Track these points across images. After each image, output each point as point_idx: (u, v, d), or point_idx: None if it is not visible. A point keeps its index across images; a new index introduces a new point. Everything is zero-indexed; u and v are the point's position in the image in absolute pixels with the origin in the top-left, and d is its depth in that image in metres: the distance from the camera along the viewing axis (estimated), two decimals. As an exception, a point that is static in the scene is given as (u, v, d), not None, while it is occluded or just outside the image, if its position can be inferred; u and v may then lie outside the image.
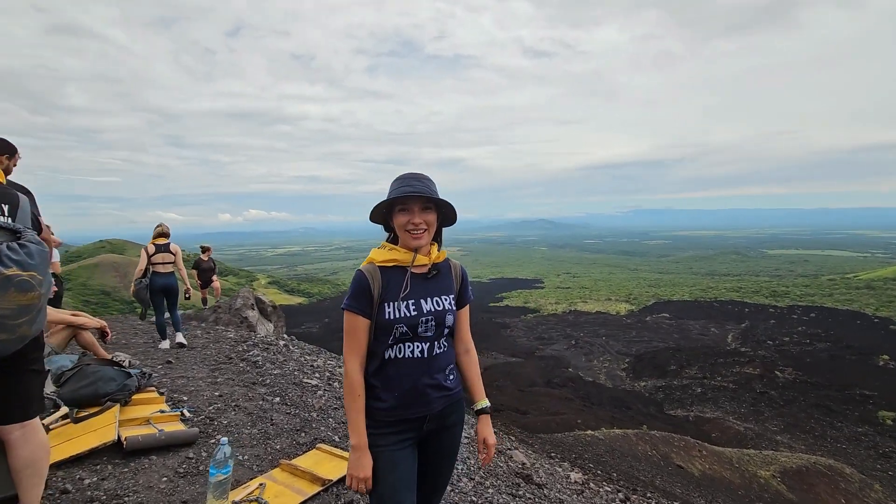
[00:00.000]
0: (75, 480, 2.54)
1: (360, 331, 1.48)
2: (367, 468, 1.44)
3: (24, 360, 2.00)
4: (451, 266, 1.68)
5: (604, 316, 79.27)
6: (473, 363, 1.71)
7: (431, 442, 1.60)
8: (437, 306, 1.54)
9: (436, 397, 1.53)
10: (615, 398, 40.64)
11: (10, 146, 3.12)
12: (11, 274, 1.73)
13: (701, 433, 26.96)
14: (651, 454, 14.32)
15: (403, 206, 1.51)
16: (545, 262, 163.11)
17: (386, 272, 1.52)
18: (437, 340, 1.54)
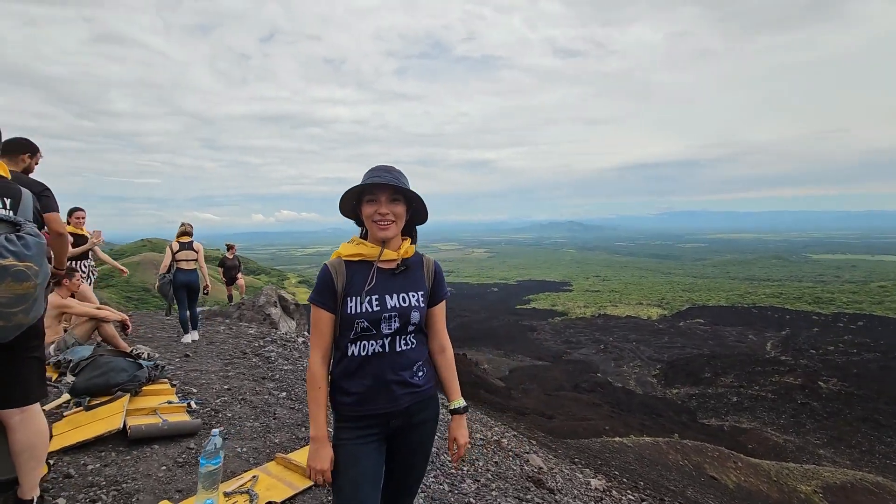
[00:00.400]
0: (79, 466, 2.57)
1: (323, 324, 1.47)
2: (324, 460, 1.43)
3: (24, 347, 2.03)
4: (424, 262, 1.63)
5: (634, 320, 77.31)
6: (449, 362, 1.66)
7: (401, 439, 1.56)
8: (403, 302, 1.50)
9: (401, 394, 1.49)
10: (645, 405, 39.49)
11: (32, 146, 3.22)
12: (8, 264, 1.77)
13: (736, 444, 25.82)
14: (682, 464, 13.78)
15: (371, 197, 1.49)
16: (574, 264, 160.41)
17: (351, 266, 1.51)
18: (402, 336, 1.51)
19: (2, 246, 1.78)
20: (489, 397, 32.04)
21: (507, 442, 6.65)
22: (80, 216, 5.87)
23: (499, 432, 7.36)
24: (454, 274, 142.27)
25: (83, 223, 5.93)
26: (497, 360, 56.10)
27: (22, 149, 3.15)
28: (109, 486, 2.41)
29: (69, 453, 2.68)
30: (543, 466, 6.16)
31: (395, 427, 1.52)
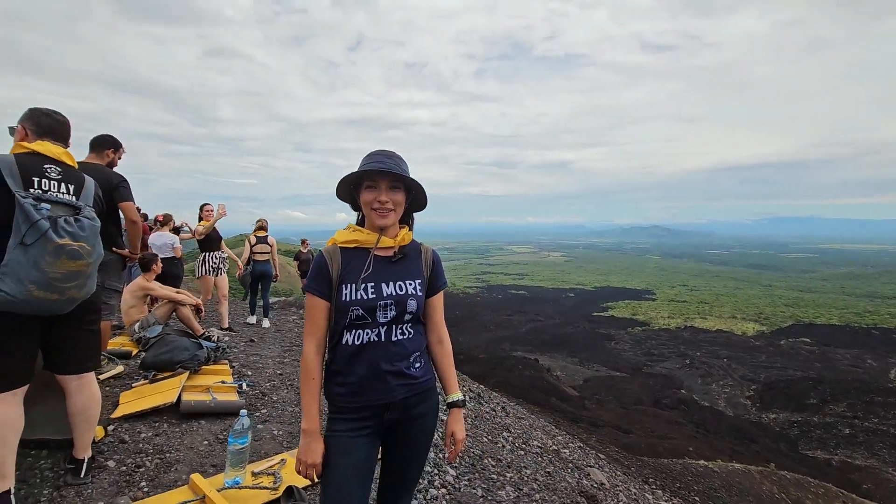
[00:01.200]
0: (134, 433, 2.78)
1: (317, 312, 1.44)
2: (315, 454, 1.38)
3: (80, 320, 2.22)
4: (422, 250, 1.59)
5: (726, 335, 70.54)
6: (447, 354, 1.61)
7: (398, 433, 1.50)
8: (400, 290, 1.45)
9: (397, 385, 1.43)
10: (736, 428, 35.79)
11: (115, 142, 3.58)
12: (63, 243, 1.94)
13: (847, 482, 22.49)
14: (779, 497, 12.25)
15: (371, 183, 1.44)
16: (658, 271, 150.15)
17: (347, 253, 1.47)
18: (398, 325, 1.45)
19: (60, 227, 1.96)
20: (561, 406, 30.96)
21: (570, 453, 6.29)
22: (209, 209, 6.52)
23: (561, 442, 7.00)
24: (528, 277, 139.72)
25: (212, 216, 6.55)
26: (571, 368, 54.11)
27: (106, 145, 3.49)
28: (155, 454, 2.58)
29: (129, 421, 2.91)
30: (605, 482, 5.73)
31: (390, 420, 1.46)
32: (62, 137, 2.22)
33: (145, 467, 2.45)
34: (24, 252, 1.88)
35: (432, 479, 2.81)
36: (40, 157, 2.08)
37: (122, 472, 2.39)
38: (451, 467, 3.18)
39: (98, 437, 2.59)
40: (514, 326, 73.17)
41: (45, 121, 2.17)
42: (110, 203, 3.30)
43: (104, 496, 2.17)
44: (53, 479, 2.24)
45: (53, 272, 1.93)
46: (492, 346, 60.51)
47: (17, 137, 2.14)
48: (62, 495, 2.14)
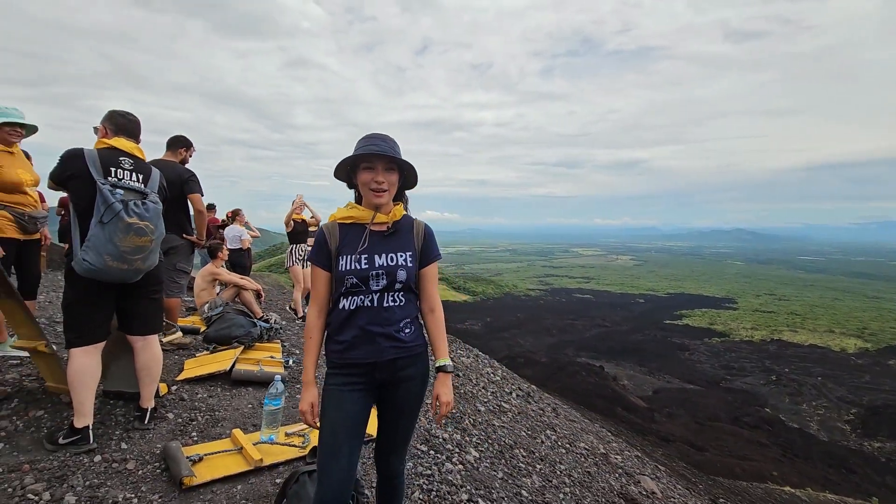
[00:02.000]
0: (192, 393, 3.18)
1: (319, 281, 1.62)
2: (306, 402, 1.58)
3: (146, 290, 2.61)
4: (415, 225, 1.72)
5: (821, 351, 63.44)
6: (438, 322, 1.72)
7: (388, 394, 1.65)
8: (391, 261, 1.60)
9: (386, 346, 1.57)
10: (832, 455, 32.11)
11: (187, 141, 4.08)
12: (132, 222, 2.32)
13: (969, 527, 19.49)
14: (882, 535, 10.89)
15: (368, 165, 1.58)
16: (741, 278, 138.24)
17: (344, 228, 1.63)
18: (389, 293, 1.59)
19: (130, 208, 2.34)
20: (627, 416, 29.56)
21: (622, 460, 6.09)
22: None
23: (615, 448, 6.77)
24: (594, 281, 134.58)
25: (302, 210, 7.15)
26: (639, 378, 51.43)
27: (179, 144, 4.00)
28: (207, 411, 2.94)
29: (189, 383, 3.33)
30: (658, 492, 5.50)
31: (380, 380, 1.60)
32: (134, 134, 2.62)
33: (197, 421, 2.81)
34: (102, 229, 2.26)
35: (451, 456, 2.93)
36: (117, 151, 2.48)
37: (178, 423, 2.76)
38: (475, 449, 3.28)
39: (162, 393, 3.00)
40: (579, 331, 70.84)
41: (121, 121, 2.58)
42: (181, 194, 3.79)
43: (161, 440, 2.54)
44: (124, 424, 2.64)
45: (124, 246, 2.31)
46: (554, 351, 59.07)
47: (100, 135, 2.56)
48: (129, 436, 2.53)
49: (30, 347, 2.66)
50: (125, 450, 2.40)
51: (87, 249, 2.24)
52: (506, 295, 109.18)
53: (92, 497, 2.02)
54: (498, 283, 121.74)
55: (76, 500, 1.99)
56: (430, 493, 2.44)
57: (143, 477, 2.22)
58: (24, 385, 2.88)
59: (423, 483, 2.51)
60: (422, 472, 2.63)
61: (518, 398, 6.23)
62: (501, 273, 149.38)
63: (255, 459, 2.36)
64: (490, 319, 76.34)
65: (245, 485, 2.27)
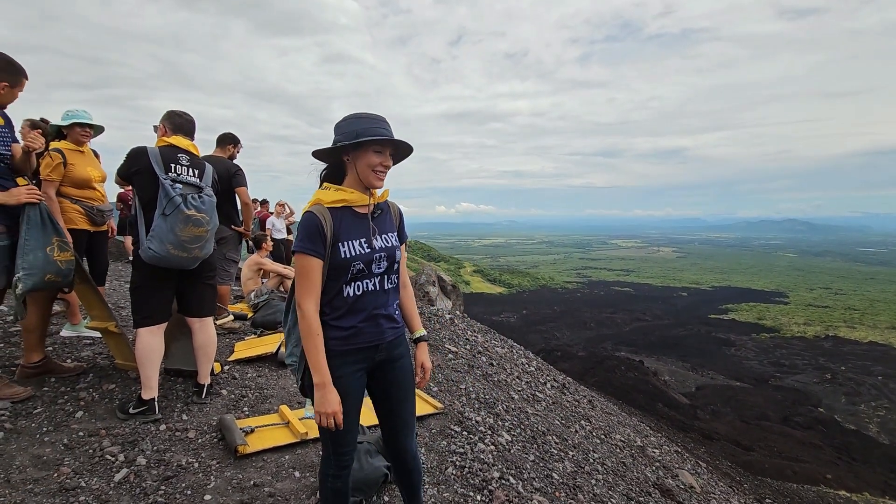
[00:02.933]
0: (243, 373, 3.43)
1: (314, 272, 1.49)
2: (333, 403, 1.47)
3: (202, 276, 2.84)
4: (391, 206, 1.72)
5: (882, 349, 59.36)
6: (410, 297, 1.78)
7: (381, 376, 1.65)
8: (387, 243, 1.60)
9: (387, 327, 1.61)
10: (893, 459, 30.16)
11: (235, 138, 4.33)
12: (191, 213, 2.54)
13: None
14: (946, 544, 10.29)
15: (379, 148, 1.53)
16: (793, 271, 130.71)
17: (336, 213, 1.54)
18: (388, 275, 1.61)
19: (188, 201, 2.55)
20: (668, 412, 28.77)
21: (660, 454, 6.04)
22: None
23: (654, 443, 6.70)
24: (634, 273, 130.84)
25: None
26: (681, 374, 49.82)
27: (228, 141, 4.26)
28: (256, 389, 3.17)
29: (240, 364, 3.59)
30: (696, 487, 5.44)
31: (378, 360, 1.61)
32: (190, 132, 2.84)
33: (248, 398, 3.04)
34: (165, 220, 2.49)
35: (483, 437, 3.03)
36: (175, 148, 2.70)
37: (231, 399, 3.00)
38: (507, 433, 3.37)
39: (216, 371, 3.25)
40: (618, 325, 69.25)
41: (178, 120, 2.80)
42: (229, 188, 4.04)
43: (217, 413, 2.78)
44: (185, 398, 2.90)
45: (184, 236, 2.53)
46: (592, 345, 58.04)
47: (159, 133, 2.79)
48: (189, 409, 2.79)
49: (101, 328, 2.96)
50: (186, 420, 2.65)
51: (152, 238, 2.47)
52: (542, 287, 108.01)
53: (160, 460, 2.26)
54: (534, 275, 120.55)
55: (146, 461, 2.23)
56: (462, 469, 2.55)
57: (202, 445, 2.45)
58: (98, 362, 3.21)
59: (455, 460, 2.62)
60: (455, 450, 2.75)
61: (553, 389, 6.25)
62: (538, 265, 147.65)
63: (300, 433, 2.56)
64: (526, 312, 75.80)
65: (292, 455, 2.46)
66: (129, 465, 2.20)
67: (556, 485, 2.86)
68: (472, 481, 2.47)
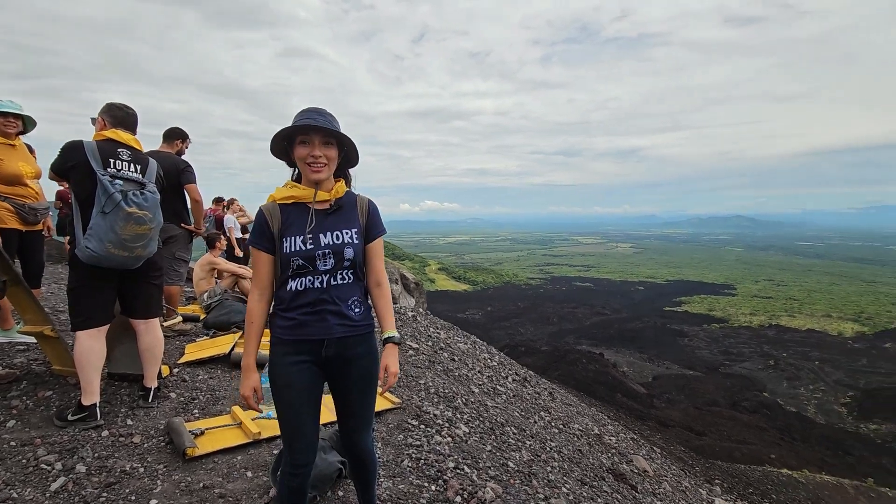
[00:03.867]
0: (194, 375, 3.33)
1: (261, 265, 1.56)
2: (247, 387, 1.56)
3: (147, 275, 2.73)
4: (358, 201, 1.68)
5: (818, 335, 63.94)
6: (384, 296, 1.71)
7: (339, 373, 1.64)
8: (336, 240, 1.56)
9: (335, 324, 1.56)
10: (828, 438, 32.57)
11: (183, 133, 4.17)
12: (132, 211, 2.44)
13: (962, 504, 19.83)
14: (876, 516, 11.16)
15: (304, 139, 1.52)
16: (740, 265, 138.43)
17: (286, 209, 1.56)
18: (338, 272, 1.57)
19: (129, 198, 2.45)
20: (627, 402, 29.84)
21: (616, 441, 6.25)
22: None
23: (611, 431, 6.93)
24: (594, 269, 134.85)
25: None
26: (639, 365, 51.85)
27: (175, 136, 4.10)
28: (207, 391, 3.09)
29: (191, 366, 3.47)
30: (650, 471, 5.67)
31: (328, 356, 1.58)
32: (131, 126, 2.72)
33: (198, 400, 2.96)
34: (104, 218, 2.38)
35: (440, 430, 3.07)
36: (115, 142, 2.58)
37: (180, 401, 2.91)
38: (465, 425, 3.42)
39: (164, 374, 3.13)
40: (579, 319, 71.16)
41: (118, 113, 2.67)
42: (178, 184, 3.90)
43: (164, 416, 2.69)
44: (130, 403, 2.78)
45: (125, 234, 2.43)
46: (555, 339, 59.41)
47: (98, 127, 2.66)
48: (134, 414, 2.68)
49: (36, 332, 2.79)
50: (131, 426, 2.55)
51: (90, 237, 2.36)
52: (506, 284, 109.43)
53: (101, 467, 2.17)
54: (498, 272, 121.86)
55: (86, 469, 2.13)
56: (418, 461, 2.58)
57: (148, 449, 2.36)
58: (32, 368, 3.02)
59: (412, 453, 2.65)
60: (411, 443, 2.78)
61: (514, 382, 6.37)
62: (502, 262, 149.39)
63: (253, 432, 2.51)
64: (491, 309, 76.62)
65: (244, 455, 2.42)
66: (68, 473, 2.10)
67: (512, 472, 2.94)
68: (428, 472, 2.50)
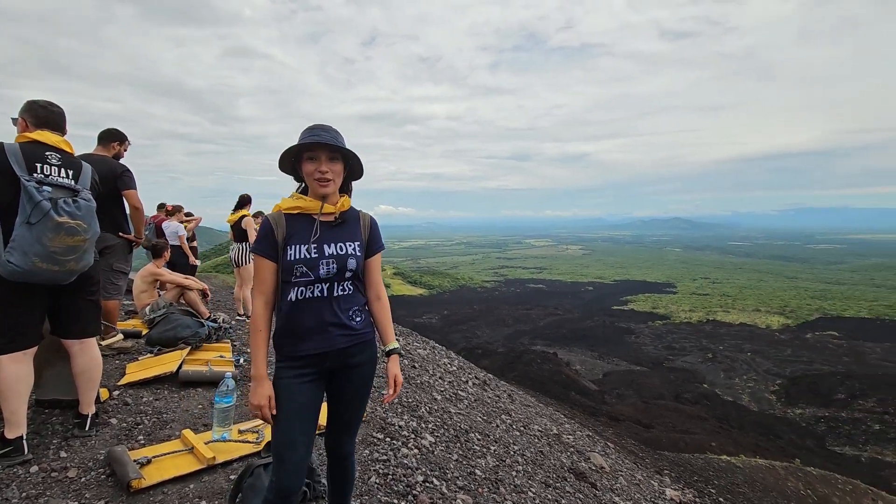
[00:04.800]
0: (137, 397, 3.06)
1: (264, 272, 1.58)
2: (262, 396, 1.53)
3: (81, 291, 2.48)
4: (360, 217, 1.75)
5: (750, 329, 68.93)
6: (384, 309, 1.78)
7: (339, 381, 1.67)
8: (340, 251, 1.61)
9: (337, 335, 1.59)
10: (760, 424, 35.14)
11: (121, 135, 3.86)
12: (62, 221, 2.20)
13: (878, 479, 21.91)
14: (804, 494, 12.06)
15: (311, 155, 1.58)
16: (679, 264, 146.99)
17: (291, 219, 1.61)
18: (339, 282, 1.61)
19: (60, 207, 2.21)
20: (580, 399, 30.80)
21: (574, 440, 6.39)
22: None
23: (568, 429, 7.09)
24: (547, 271, 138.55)
25: None
26: (590, 363, 53.71)
27: (112, 138, 3.78)
28: (153, 414, 2.85)
29: (133, 388, 3.19)
30: (606, 467, 5.83)
31: (331, 368, 1.62)
32: (59, 127, 2.46)
33: (143, 425, 2.72)
34: (29, 229, 2.13)
35: (406, 441, 3.00)
36: (41, 145, 2.32)
37: (122, 427, 2.66)
38: (430, 435, 3.37)
39: (103, 398, 2.86)
40: (533, 320, 72.81)
41: (42, 112, 2.41)
42: (116, 191, 3.59)
43: (106, 446, 2.44)
44: (63, 432, 2.51)
45: (54, 246, 2.19)
46: (510, 341, 60.43)
47: (20, 128, 2.40)
48: (69, 444, 2.42)
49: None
50: (65, 458, 2.30)
51: (12, 251, 2.11)
52: (462, 287, 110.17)
53: (30, 508, 1.94)
54: (454, 276, 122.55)
55: (13, 511, 1.90)
56: (386, 476, 2.51)
57: (86, 484, 2.14)
58: (-57, 399, 2.67)
59: (379, 468, 2.57)
60: (378, 458, 2.69)
61: (474, 386, 6.38)
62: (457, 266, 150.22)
63: (207, 458, 2.33)
64: (447, 312, 76.80)
65: (198, 483, 2.24)
66: (-10, 518, 1.86)
67: (479, 481, 2.92)
68: (396, 488, 2.43)
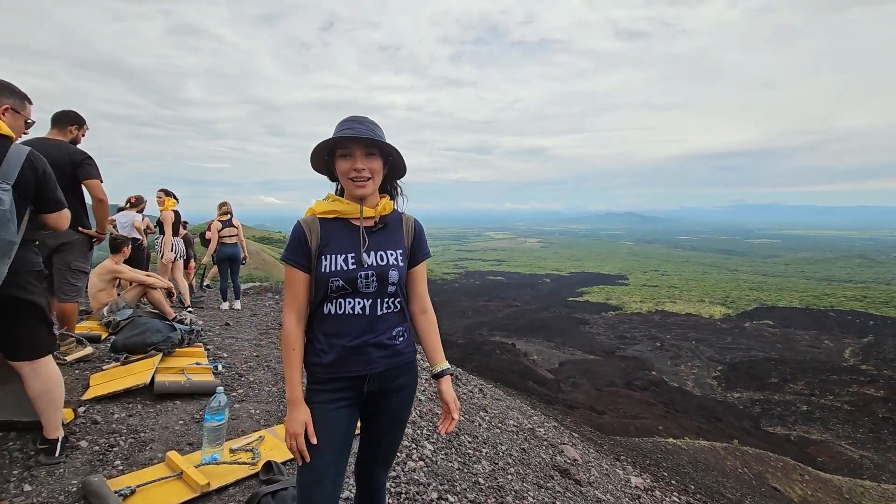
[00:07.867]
0: (107, 414, 2.73)
1: (296, 284, 1.41)
2: (298, 423, 1.34)
3: (13, 309, 2.05)
4: (404, 220, 1.54)
5: (694, 318, 73.15)
6: (431, 324, 1.56)
7: (378, 404, 1.48)
8: (381, 260, 1.42)
9: (378, 357, 1.41)
10: (703, 407, 37.46)
11: (79, 118, 3.43)
12: None
13: (804, 456, 23.88)
14: (741, 472, 12.95)
15: (345, 151, 1.38)
16: (631, 257, 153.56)
17: (326, 224, 1.43)
18: (382, 298, 1.42)
19: None
20: (537, 388, 31.62)
21: (545, 432, 6.47)
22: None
23: (537, 422, 7.20)
24: (506, 263, 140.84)
25: None
26: (547, 353, 55.29)
27: (70, 121, 3.35)
28: (129, 434, 2.55)
29: (101, 402, 2.86)
30: (578, 459, 5.94)
31: (369, 392, 1.43)
32: None
33: (119, 447, 2.41)
34: None
35: (410, 453, 2.87)
36: None
37: (94, 451, 2.34)
38: (428, 442, 3.25)
39: (67, 420, 2.52)
40: (492, 312, 73.93)
41: None
42: (74, 181, 3.19)
43: (77, 475, 2.13)
44: (23, 460, 2.18)
45: None
46: (470, 332, 61.08)
47: None
48: (33, 475, 2.10)
49: None
50: (30, 492, 1.99)
51: None
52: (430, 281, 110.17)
53: (-6, 556, 1.65)
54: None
55: (-27, 563, 1.61)
56: (399, 495, 2.36)
57: (59, 522, 1.86)
58: None
59: (390, 486, 2.42)
60: (386, 474, 2.54)
61: (450, 383, 6.35)
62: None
63: (200, 484, 2.08)
64: (407, 304, 76.35)
65: (193, 515, 2.00)
66: (-56, 573, 1.57)
67: (485, 490, 2.83)
68: (411, 508, 2.29)
